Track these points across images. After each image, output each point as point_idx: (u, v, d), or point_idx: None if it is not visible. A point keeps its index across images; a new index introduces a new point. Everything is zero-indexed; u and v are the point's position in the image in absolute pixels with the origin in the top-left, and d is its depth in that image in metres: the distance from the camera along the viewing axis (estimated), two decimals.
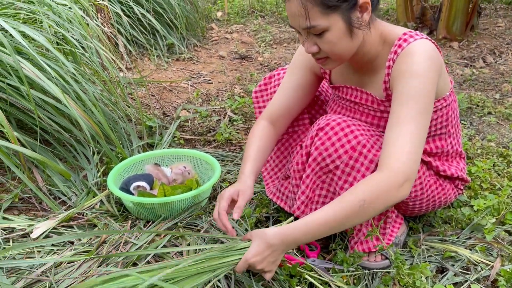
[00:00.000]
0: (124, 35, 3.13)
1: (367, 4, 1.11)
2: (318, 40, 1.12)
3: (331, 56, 1.15)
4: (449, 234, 1.48)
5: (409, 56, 1.12)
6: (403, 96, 1.11)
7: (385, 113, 1.28)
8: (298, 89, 1.41)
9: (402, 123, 1.09)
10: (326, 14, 1.07)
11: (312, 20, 1.08)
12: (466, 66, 3.36)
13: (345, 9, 1.08)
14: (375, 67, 1.25)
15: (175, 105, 2.64)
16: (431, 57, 1.12)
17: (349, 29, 1.11)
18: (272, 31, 4.36)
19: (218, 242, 1.39)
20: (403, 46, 1.15)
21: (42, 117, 1.75)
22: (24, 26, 1.69)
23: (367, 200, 1.05)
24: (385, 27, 1.22)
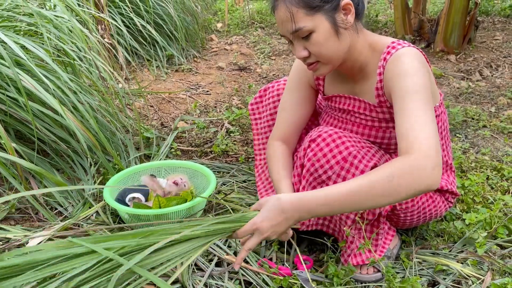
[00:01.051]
0: (124, 46, 3.17)
1: (349, 5, 1.16)
2: (306, 43, 1.17)
3: (320, 58, 1.19)
4: (441, 248, 1.49)
5: (399, 59, 1.17)
6: (406, 93, 1.11)
7: (376, 121, 1.31)
8: (300, 105, 1.45)
9: (414, 113, 1.07)
10: (310, 15, 1.13)
11: (297, 23, 1.13)
12: (463, 79, 3.39)
13: (328, 10, 1.14)
14: (366, 75, 1.29)
15: (173, 116, 2.66)
16: (419, 59, 1.17)
17: (334, 30, 1.16)
18: (271, 43, 4.40)
19: (212, 254, 1.41)
20: (391, 52, 1.19)
21: (40, 128, 1.78)
22: (23, 38, 1.72)
23: (396, 176, 0.98)
24: (374, 37, 1.27)
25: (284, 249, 1.47)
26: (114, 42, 2.86)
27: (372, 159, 1.24)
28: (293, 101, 1.45)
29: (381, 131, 1.31)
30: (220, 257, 1.40)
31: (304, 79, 1.43)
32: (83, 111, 1.75)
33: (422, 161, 1.00)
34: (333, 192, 1.02)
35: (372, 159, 1.24)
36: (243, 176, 1.93)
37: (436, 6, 5.94)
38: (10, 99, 1.75)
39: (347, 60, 1.24)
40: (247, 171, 1.97)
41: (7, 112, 1.75)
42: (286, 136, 1.46)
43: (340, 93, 1.37)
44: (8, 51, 1.69)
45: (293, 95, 1.45)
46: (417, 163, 0.99)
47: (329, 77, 1.41)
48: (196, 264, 1.37)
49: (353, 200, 1.01)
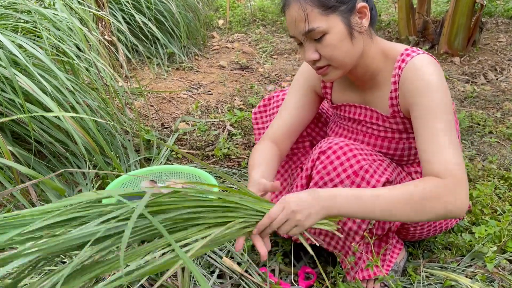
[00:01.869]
0: (124, 43, 3.11)
1: (365, 9, 1.11)
2: (318, 45, 1.11)
3: (332, 62, 1.13)
4: (449, 261, 1.45)
5: (417, 71, 1.11)
6: (428, 112, 1.08)
7: (389, 132, 1.26)
8: (301, 108, 1.38)
9: (439, 134, 1.06)
10: (325, 15, 1.07)
11: (311, 23, 1.07)
12: (467, 82, 3.34)
13: (344, 11, 1.08)
14: (378, 83, 1.23)
15: (174, 116, 2.61)
16: (438, 70, 1.12)
17: (349, 32, 1.10)
18: (273, 41, 4.35)
19: (214, 266, 1.37)
20: (406, 60, 1.14)
21: (37, 130, 1.73)
22: (20, 37, 1.67)
23: (430, 200, 1.00)
24: (386, 44, 1.22)
25: (287, 259, 1.43)
26: (114, 39, 2.80)
27: (384, 173, 1.19)
28: (294, 104, 1.39)
29: (394, 142, 1.26)
30: (222, 269, 1.35)
31: (310, 84, 1.38)
32: (82, 113, 1.70)
33: (455, 186, 1.01)
34: (367, 194, 1.01)
35: (384, 173, 1.19)
36: (245, 182, 1.88)
37: (438, 6, 5.88)
38: (7, 99, 1.70)
39: (358, 66, 1.19)
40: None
41: (3, 113, 1.70)
42: (279, 138, 1.37)
43: (350, 102, 1.31)
44: (4, 50, 1.64)
45: (296, 97, 1.39)
46: (451, 188, 1.01)
47: (337, 85, 1.35)
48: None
49: (381, 205, 1.00)
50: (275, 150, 1.34)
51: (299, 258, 1.45)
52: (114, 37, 2.85)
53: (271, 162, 1.27)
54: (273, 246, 1.49)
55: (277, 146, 1.37)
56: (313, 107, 1.41)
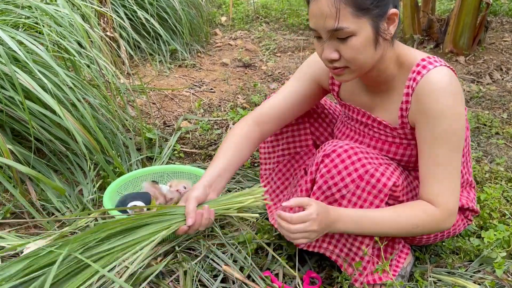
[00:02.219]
0: (126, 40, 3.07)
1: (395, 16, 1.07)
2: (341, 45, 1.06)
3: (351, 65, 1.09)
4: (457, 266, 1.42)
5: (433, 93, 1.08)
6: (436, 139, 1.10)
7: (397, 138, 1.22)
8: (297, 96, 1.35)
9: (442, 164, 1.12)
10: (357, 16, 1.02)
11: (342, 22, 1.01)
12: (473, 82, 3.31)
13: (376, 15, 1.04)
14: (388, 90, 1.20)
15: (176, 114, 2.58)
16: (455, 91, 1.08)
17: (375, 38, 1.06)
18: (276, 39, 4.31)
19: (217, 270, 1.34)
20: (422, 73, 1.10)
21: (37, 127, 1.69)
22: (21, 33, 1.63)
23: (420, 227, 1.16)
24: (403, 49, 1.17)
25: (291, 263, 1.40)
26: (116, 36, 2.77)
27: (391, 177, 1.15)
28: (291, 89, 1.35)
29: (401, 148, 1.22)
30: (226, 273, 1.32)
31: (315, 77, 1.33)
32: (83, 111, 1.67)
33: (446, 218, 1.16)
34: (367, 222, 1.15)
35: (391, 177, 1.15)
36: (248, 183, 1.85)
37: (442, 4, 5.83)
38: (7, 97, 1.67)
39: (372, 70, 1.14)
40: (253, 177, 1.89)
41: (3, 111, 1.67)
42: (265, 119, 1.34)
43: (358, 105, 1.28)
44: (4, 46, 1.60)
45: (295, 84, 1.35)
46: (442, 219, 1.16)
47: (347, 83, 1.31)
48: (200, 280, 1.30)
49: (377, 230, 1.16)
50: (253, 133, 1.32)
51: (303, 262, 1.42)
52: (116, 34, 2.82)
53: (242, 149, 1.28)
54: (277, 249, 1.46)
55: (259, 128, 1.33)
56: (311, 98, 1.38)
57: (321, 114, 1.48)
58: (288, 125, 1.46)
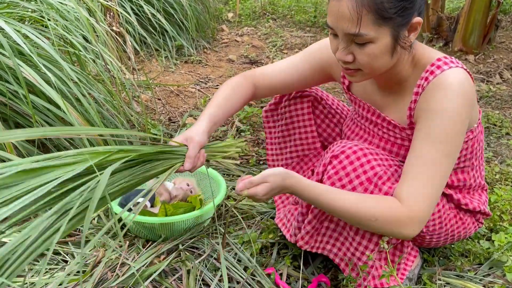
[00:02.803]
0: (132, 35, 3.05)
1: (419, 24, 1.03)
2: (357, 50, 1.03)
3: (365, 69, 1.06)
4: (466, 269, 1.39)
5: (441, 90, 1.03)
6: (430, 136, 1.04)
7: (406, 141, 1.19)
8: (299, 75, 1.33)
9: (426, 164, 1.04)
10: (378, 24, 0.98)
11: (362, 28, 0.98)
12: (483, 81, 3.26)
13: (397, 24, 1.00)
14: (401, 90, 1.16)
15: (181, 111, 2.56)
16: (464, 93, 1.03)
17: (393, 47, 1.03)
18: (283, 36, 4.27)
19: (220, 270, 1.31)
20: (435, 73, 1.06)
21: (41, 122, 1.67)
22: (26, 27, 1.61)
23: (379, 221, 1.06)
24: (419, 49, 1.13)
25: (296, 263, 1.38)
26: (122, 31, 2.74)
27: (398, 180, 1.12)
28: (296, 68, 1.33)
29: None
30: (229, 273, 1.30)
31: (323, 62, 1.31)
32: (87, 106, 1.65)
33: (409, 218, 1.05)
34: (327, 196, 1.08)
35: (398, 180, 1.12)
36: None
37: (451, 2, 5.76)
38: (11, 90, 1.65)
39: (387, 72, 1.11)
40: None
41: (6, 104, 1.65)
42: (261, 84, 1.34)
43: (368, 102, 1.24)
44: (9, 39, 1.58)
45: (302, 65, 1.33)
46: (404, 217, 1.05)
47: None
48: (204, 279, 1.28)
49: (334, 210, 1.09)
50: (248, 90, 1.32)
51: (307, 264, 1.39)
52: (122, 28, 2.80)
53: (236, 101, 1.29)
54: (282, 248, 1.44)
55: (254, 87, 1.33)
56: (313, 83, 1.36)
57: (328, 114, 1.45)
58: (295, 127, 1.44)
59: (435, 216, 1.25)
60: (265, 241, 1.43)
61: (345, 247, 1.22)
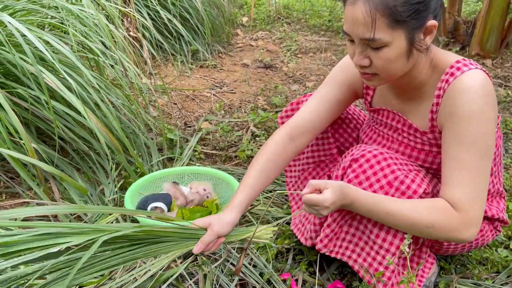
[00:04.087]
0: (149, 40, 3.09)
1: (434, 27, 1.03)
2: (373, 54, 1.03)
3: (381, 73, 1.07)
4: (483, 278, 1.38)
5: (464, 93, 1.03)
6: (462, 140, 1.04)
7: (426, 145, 1.18)
8: (331, 103, 1.30)
9: (468, 167, 1.05)
10: (392, 28, 0.99)
11: (376, 32, 0.99)
12: (500, 86, 3.22)
13: (412, 28, 1.00)
14: (421, 95, 1.16)
15: (197, 115, 2.58)
16: (487, 94, 1.03)
17: (409, 50, 1.03)
18: (298, 40, 4.28)
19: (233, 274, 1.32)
20: (455, 75, 1.06)
21: (61, 126, 1.71)
22: (47, 34, 1.65)
23: (436, 227, 1.06)
24: (437, 53, 1.13)
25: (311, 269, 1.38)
26: (139, 36, 2.78)
27: (421, 185, 1.12)
28: (325, 97, 1.30)
29: (431, 156, 1.19)
30: (244, 278, 1.31)
31: (348, 82, 1.29)
32: (106, 112, 1.68)
33: (465, 227, 1.06)
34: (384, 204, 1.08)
35: (421, 185, 1.12)
36: (270, 186, 1.83)
37: (468, 6, 5.70)
38: (32, 96, 1.69)
39: (405, 76, 1.11)
40: (274, 180, 1.87)
41: (28, 110, 1.69)
42: (299, 130, 1.29)
43: (389, 108, 1.24)
44: (31, 46, 1.62)
45: (328, 90, 1.30)
46: (460, 227, 1.06)
47: (380, 89, 1.28)
48: (220, 284, 1.29)
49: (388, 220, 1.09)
50: (287, 148, 1.29)
51: (322, 270, 1.39)
52: (139, 34, 2.84)
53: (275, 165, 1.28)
54: (298, 254, 1.44)
55: (292, 141, 1.30)
56: (345, 104, 1.34)
57: (345, 119, 1.45)
58: None
59: None
60: (280, 247, 1.44)
61: (365, 252, 1.22)
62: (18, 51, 1.60)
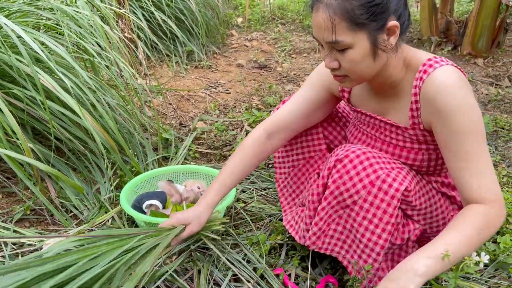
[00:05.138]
0: (144, 41, 3.12)
1: (396, 28, 1.06)
2: (340, 56, 1.08)
3: (350, 75, 1.11)
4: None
5: (442, 88, 1.06)
6: (457, 133, 1.06)
7: (408, 142, 1.21)
8: (309, 104, 1.36)
9: (475, 158, 1.06)
10: (352, 30, 1.03)
11: (337, 35, 1.04)
12: (491, 85, 3.26)
13: (373, 29, 1.04)
14: (398, 93, 1.19)
15: (192, 115, 2.61)
16: (464, 85, 1.07)
17: (373, 50, 1.07)
18: (292, 40, 4.31)
19: (230, 270, 1.35)
20: (428, 72, 1.09)
21: (57, 127, 1.73)
22: (43, 35, 1.67)
23: (483, 231, 1.03)
24: (409, 52, 1.17)
25: (304, 263, 1.41)
26: (134, 37, 2.81)
27: (403, 181, 1.15)
28: (301, 98, 1.37)
29: (413, 153, 1.22)
30: (239, 273, 1.34)
31: (324, 83, 1.34)
32: (102, 112, 1.70)
33: (498, 210, 1.06)
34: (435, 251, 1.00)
35: (403, 181, 1.15)
36: (263, 184, 1.86)
37: (461, 6, 5.76)
38: (28, 96, 1.71)
39: (378, 76, 1.15)
40: (267, 178, 1.90)
41: (24, 110, 1.71)
42: (275, 129, 1.37)
43: (368, 110, 1.27)
44: (26, 47, 1.64)
45: (305, 92, 1.37)
46: (496, 214, 1.05)
47: (356, 88, 1.32)
48: (214, 279, 1.32)
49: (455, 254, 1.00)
50: (262, 146, 1.37)
51: (315, 265, 1.42)
52: (134, 35, 2.86)
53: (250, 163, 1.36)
54: (291, 249, 1.47)
55: (270, 141, 1.38)
56: (323, 107, 1.39)
57: (335, 118, 1.48)
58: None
59: (438, 218, 1.27)
60: (273, 242, 1.47)
61: (352, 249, 1.25)
62: (14, 52, 1.63)
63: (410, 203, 1.20)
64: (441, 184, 1.28)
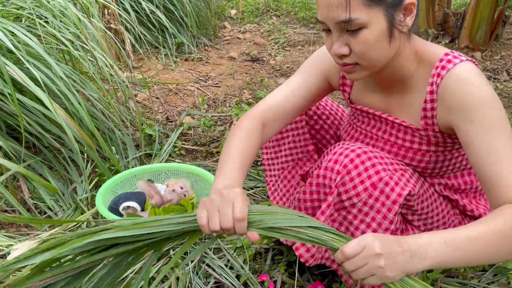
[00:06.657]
0: (132, 33, 3.00)
1: (413, 5, 0.95)
2: (351, 39, 0.95)
3: (362, 61, 0.98)
4: (469, 276, 1.33)
5: (466, 83, 0.96)
6: (484, 130, 0.95)
7: (416, 143, 1.11)
8: (304, 91, 1.20)
9: (504, 155, 0.94)
10: (368, 6, 0.91)
11: (352, 12, 0.91)
12: (489, 79, 3.17)
13: (390, 5, 0.93)
14: (406, 88, 1.08)
15: (179, 110, 2.51)
16: (485, 81, 0.97)
17: (389, 31, 0.95)
18: (286, 33, 4.20)
19: (212, 277, 1.26)
20: (447, 68, 0.98)
21: (31, 122, 1.63)
22: (13, 24, 1.57)
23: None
24: (423, 44, 1.05)
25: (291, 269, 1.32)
26: (121, 28, 2.69)
27: (406, 185, 1.05)
28: (300, 84, 1.20)
29: (419, 154, 1.11)
30: (220, 279, 1.24)
31: (323, 71, 1.20)
32: (76, 105, 1.60)
33: None
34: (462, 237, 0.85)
35: (406, 185, 1.05)
36: (250, 182, 1.77)
37: None
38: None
39: (387, 66, 1.03)
40: (255, 176, 1.80)
41: None
42: (271, 116, 1.17)
43: (372, 108, 1.16)
44: None
45: (304, 79, 1.21)
46: None
47: (359, 84, 1.19)
48: (194, 287, 1.23)
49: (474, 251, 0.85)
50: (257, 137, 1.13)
51: (302, 271, 1.33)
52: (121, 26, 2.75)
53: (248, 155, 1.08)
54: (277, 254, 1.38)
55: (263, 129, 1.17)
56: (319, 94, 1.23)
57: (322, 115, 1.38)
58: (288, 129, 1.37)
59: (439, 223, 1.19)
60: (259, 247, 1.37)
61: None
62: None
63: (411, 207, 1.10)
64: (444, 186, 1.18)
